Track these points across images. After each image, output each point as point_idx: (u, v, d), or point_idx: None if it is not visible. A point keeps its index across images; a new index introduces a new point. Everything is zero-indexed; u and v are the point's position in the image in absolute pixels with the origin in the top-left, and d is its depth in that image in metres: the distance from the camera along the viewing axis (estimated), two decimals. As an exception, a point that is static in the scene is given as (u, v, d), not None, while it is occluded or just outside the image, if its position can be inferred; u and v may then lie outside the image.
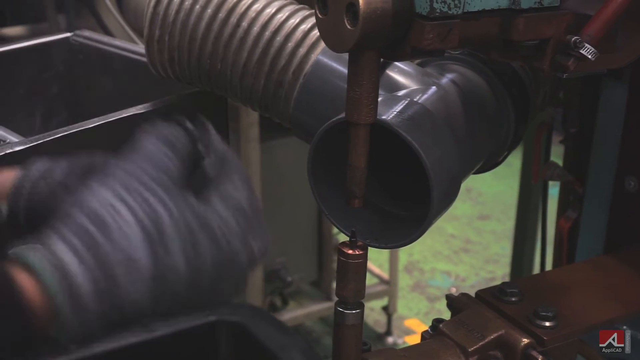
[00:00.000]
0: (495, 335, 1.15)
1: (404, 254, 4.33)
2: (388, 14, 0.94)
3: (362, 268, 1.10)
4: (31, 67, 1.77)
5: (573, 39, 1.03)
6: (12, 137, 1.38)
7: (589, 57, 1.02)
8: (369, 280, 3.71)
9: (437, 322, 1.22)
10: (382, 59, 1.03)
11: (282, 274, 3.52)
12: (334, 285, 1.12)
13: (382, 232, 1.17)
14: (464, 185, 1.22)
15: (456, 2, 0.94)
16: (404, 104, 1.15)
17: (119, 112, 1.35)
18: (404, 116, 1.11)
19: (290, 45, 1.28)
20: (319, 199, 1.20)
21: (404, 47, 0.98)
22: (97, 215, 0.64)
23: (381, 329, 3.75)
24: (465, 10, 0.96)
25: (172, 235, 0.65)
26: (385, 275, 3.66)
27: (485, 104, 1.32)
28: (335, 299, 1.09)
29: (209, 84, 1.38)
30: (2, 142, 1.30)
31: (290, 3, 1.34)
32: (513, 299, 1.24)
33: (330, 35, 0.99)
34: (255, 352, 0.54)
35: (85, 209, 0.66)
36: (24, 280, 0.61)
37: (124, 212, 0.65)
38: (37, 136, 1.22)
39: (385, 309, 3.71)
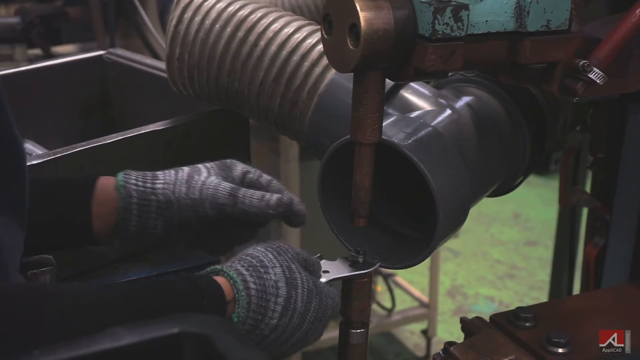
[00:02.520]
0: (505, 360, 1.14)
1: (448, 278, 4.29)
2: (390, 35, 0.94)
3: (366, 287, 1.10)
4: (66, 83, 1.81)
5: (581, 62, 1.01)
6: (38, 151, 1.41)
7: (598, 81, 1.01)
8: (410, 303, 3.68)
9: (448, 345, 1.21)
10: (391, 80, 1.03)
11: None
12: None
13: (391, 253, 1.16)
14: (511, 211, 1.21)
15: (459, 24, 0.94)
16: (415, 126, 1.15)
17: (138, 128, 1.37)
18: (413, 137, 1.11)
19: (306, 64, 1.29)
20: (329, 218, 1.20)
21: (408, 68, 0.98)
22: (258, 258, 1.02)
23: (420, 352, 3.71)
24: (469, 33, 0.96)
25: (300, 288, 1.02)
26: (425, 298, 3.62)
27: (500, 128, 1.31)
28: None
29: (228, 103, 1.38)
30: (29, 156, 1.33)
31: (309, 23, 1.34)
32: (527, 324, 1.22)
33: (335, 56, 0.99)
34: (218, 365, 0.55)
35: (251, 255, 1.03)
36: (223, 283, 0.98)
37: (275, 262, 1.02)
38: (56, 150, 1.24)
39: (425, 332, 3.67)
